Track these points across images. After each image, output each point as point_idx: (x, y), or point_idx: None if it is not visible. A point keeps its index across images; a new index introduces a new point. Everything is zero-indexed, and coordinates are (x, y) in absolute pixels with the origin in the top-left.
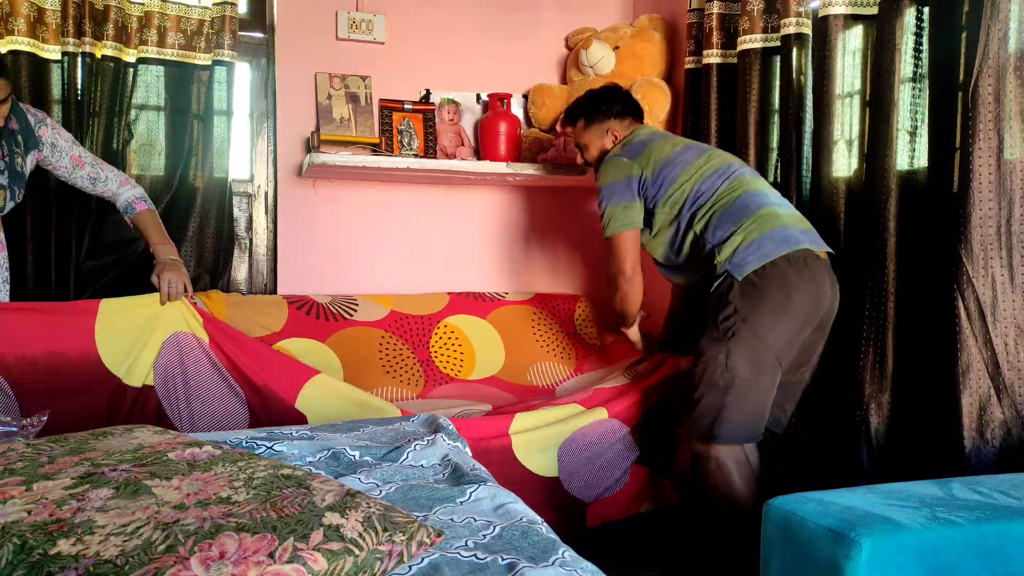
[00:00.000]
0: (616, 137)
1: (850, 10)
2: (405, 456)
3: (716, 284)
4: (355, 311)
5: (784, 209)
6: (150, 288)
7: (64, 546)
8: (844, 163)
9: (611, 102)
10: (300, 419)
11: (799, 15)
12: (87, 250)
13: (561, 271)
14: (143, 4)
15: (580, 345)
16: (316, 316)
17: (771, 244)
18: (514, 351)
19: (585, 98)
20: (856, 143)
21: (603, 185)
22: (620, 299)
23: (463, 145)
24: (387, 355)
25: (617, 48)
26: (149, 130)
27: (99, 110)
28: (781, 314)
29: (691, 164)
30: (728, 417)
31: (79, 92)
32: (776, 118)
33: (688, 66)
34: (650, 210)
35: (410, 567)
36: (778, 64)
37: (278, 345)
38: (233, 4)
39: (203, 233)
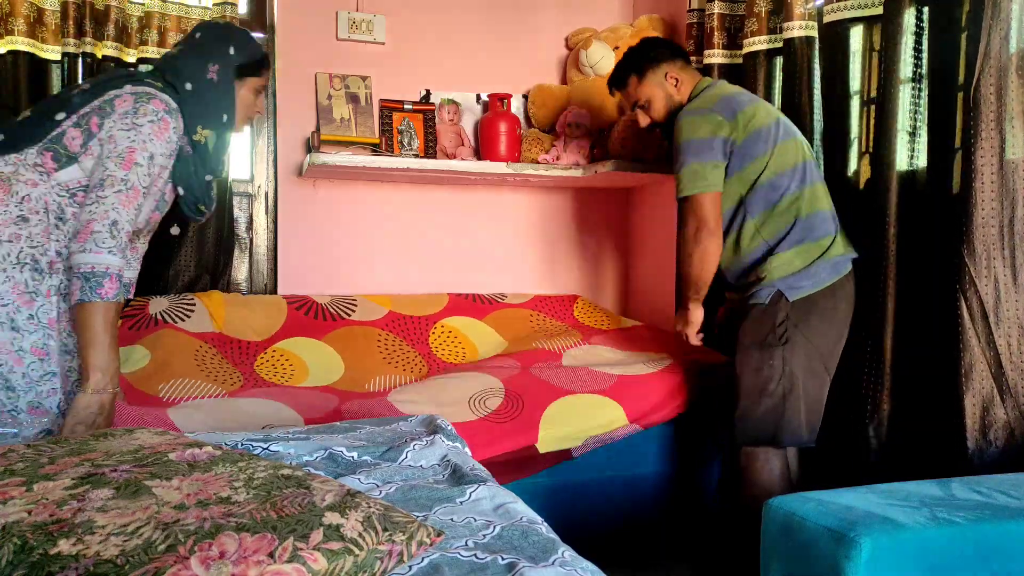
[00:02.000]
0: (678, 80)
1: (855, 12)
2: (404, 456)
3: (763, 295)
4: (353, 311)
5: (838, 232)
6: (150, 289)
7: (64, 546)
8: (845, 163)
9: (656, 46)
10: None
11: (804, 17)
12: None
13: (561, 271)
14: (143, 4)
15: (582, 331)
16: (315, 316)
17: (825, 272)
18: (525, 343)
19: (628, 53)
20: (855, 143)
21: (689, 139)
22: (699, 258)
23: (463, 145)
24: (386, 350)
25: (617, 48)
26: None
27: None
28: (830, 319)
29: (776, 146)
30: (791, 421)
31: None
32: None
33: None
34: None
35: (410, 567)
36: (779, 66)
37: (275, 347)
38: (233, 4)
39: (203, 233)
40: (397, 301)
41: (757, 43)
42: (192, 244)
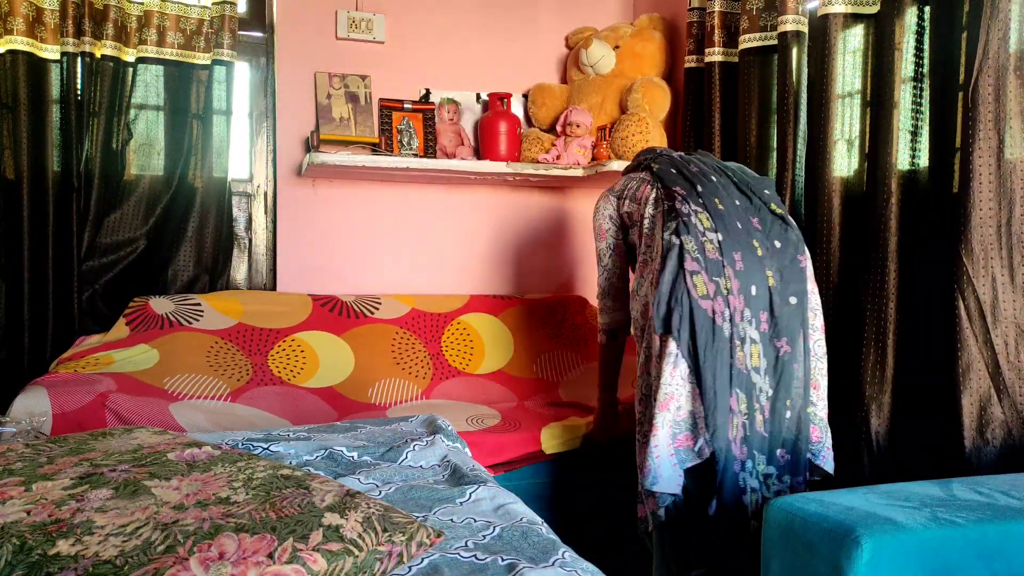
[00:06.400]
0: None
1: (850, 9)
2: (404, 456)
3: None
4: (377, 309)
5: None
6: (148, 289)
7: (63, 546)
8: (844, 163)
9: None
10: None
11: (797, 12)
12: (86, 250)
13: (562, 273)
14: (142, 3)
15: (582, 343)
16: (339, 313)
17: None
18: (523, 346)
19: None
20: (856, 143)
21: None
22: None
23: (463, 145)
24: (399, 349)
25: (617, 47)
26: (148, 130)
27: (98, 110)
28: None
29: None
30: None
31: (78, 92)
32: (774, 116)
33: (688, 65)
34: None
35: (410, 567)
36: (775, 62)
37: (294, 336)
38: (232, 3)
39: (202, 233)
40: (421, 299)
41: (750, 40)
42: (191, 244)
